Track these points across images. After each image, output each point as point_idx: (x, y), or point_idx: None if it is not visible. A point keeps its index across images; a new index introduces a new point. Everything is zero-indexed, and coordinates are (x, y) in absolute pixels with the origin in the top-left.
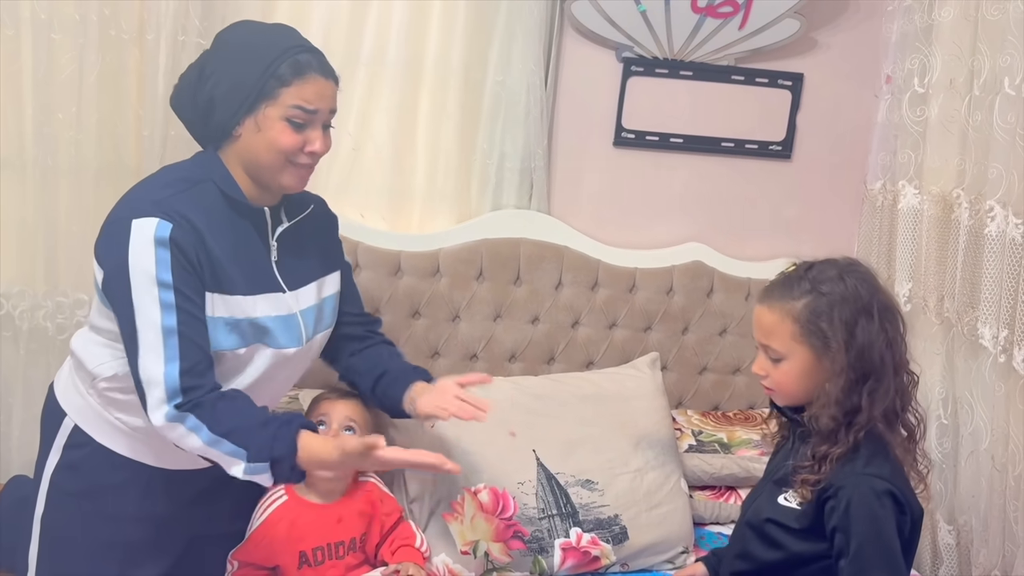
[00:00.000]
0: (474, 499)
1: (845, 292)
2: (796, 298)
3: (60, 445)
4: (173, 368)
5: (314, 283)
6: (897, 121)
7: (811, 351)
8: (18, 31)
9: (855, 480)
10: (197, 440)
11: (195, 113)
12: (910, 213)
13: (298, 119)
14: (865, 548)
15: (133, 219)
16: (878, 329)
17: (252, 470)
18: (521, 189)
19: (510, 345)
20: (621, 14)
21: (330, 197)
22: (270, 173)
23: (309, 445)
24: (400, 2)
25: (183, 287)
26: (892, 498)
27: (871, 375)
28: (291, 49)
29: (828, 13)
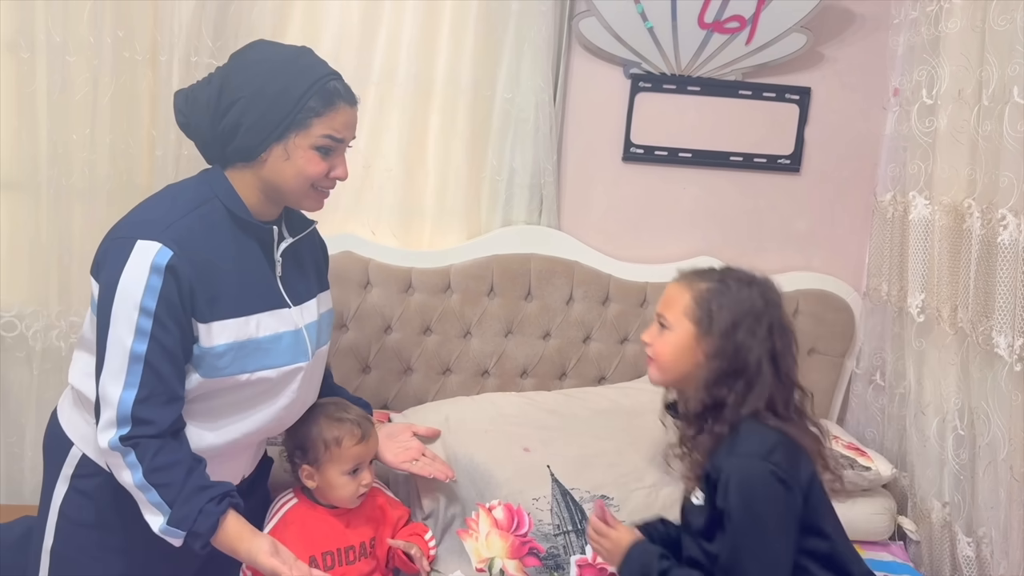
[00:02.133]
0: (488, 515)
1: (746, 295)
2: (702, 281)
3: (68, 475)
4: (129, 395)
5: (314, 299)
6: (906, 133)
7: (695, 329)
8: (33, 53)
9: (734, 462)
10: (129, 477)
11: (214, 135)
12: (921, 224)
13: (327, 147)
14: (741, 526)
15: (139, 239)
16: (764, 338)
17: (167, 532)
18: (531, 205)
19: (522, 361)
20: (628, 31)
21: (341, 215)
22: (294, 197)
23: (230, 530)
24: (410, 21)
25: (165, 318)
26: (773, 477)
27: (743, 375)
28: (322, 79)
29: (835, 27)
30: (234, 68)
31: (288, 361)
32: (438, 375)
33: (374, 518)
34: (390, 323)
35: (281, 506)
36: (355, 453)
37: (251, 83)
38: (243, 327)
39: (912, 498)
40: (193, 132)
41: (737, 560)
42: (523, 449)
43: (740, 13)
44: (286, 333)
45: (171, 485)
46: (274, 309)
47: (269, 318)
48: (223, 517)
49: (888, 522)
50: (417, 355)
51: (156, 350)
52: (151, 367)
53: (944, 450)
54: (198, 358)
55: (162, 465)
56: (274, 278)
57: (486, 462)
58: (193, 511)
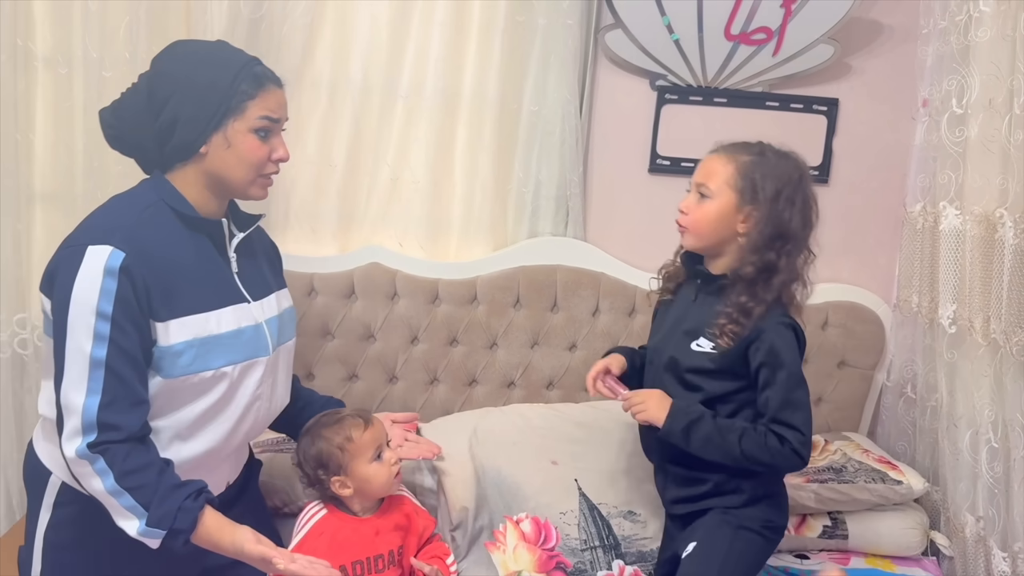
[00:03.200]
0: (516, 528)
1: (784, 166)
2: (744, 153)
3: (49, 504)
4: (93, 401)
5: (273, 295)
6: (936, 143)
7: (737, 198)
8: (71, 69)
9: (773, 325)
10: (100, 484)
11: (151, 139)
12: (952, 234)
13: (265, 129)
14: (787, 377)
15: (89, 245)
16: (800, 206)
17: (146, 533)
18: (557, 217)
19: (548, 372)
20: (655, 43)
21: (368, 227)
22: (241, 186)
23: (210, 524)
24: (438, 36)
25: (122, 320)
26: (794, 332)
27: (788, 238)
28: (247, 64)
29: (862, 38)
30: (160, 68)
31: (248, 355)
32: (464, 386)
33: (402, 526)
34: (417, 334)
35: (311, 517)
36: (369, 439)
37: (180, 79)
38: (203, 324)
39: (945, 512)
40: (126, 144)
41: (789, 406)
42: (551, 462)
43: (767, 25)
44: (247, 328)
45: (145, 487)
46: (234, 304)
47: (229, 313)
48: (201, 513)
49: (920, 537)
50: (444, 366)
51: (116, 354)
52: (112, 372)
53: (977, 463)
54: (157, 359)
55: (133, 468)
56: (231, 274)
57: (514, 474)
58: (172, 510)
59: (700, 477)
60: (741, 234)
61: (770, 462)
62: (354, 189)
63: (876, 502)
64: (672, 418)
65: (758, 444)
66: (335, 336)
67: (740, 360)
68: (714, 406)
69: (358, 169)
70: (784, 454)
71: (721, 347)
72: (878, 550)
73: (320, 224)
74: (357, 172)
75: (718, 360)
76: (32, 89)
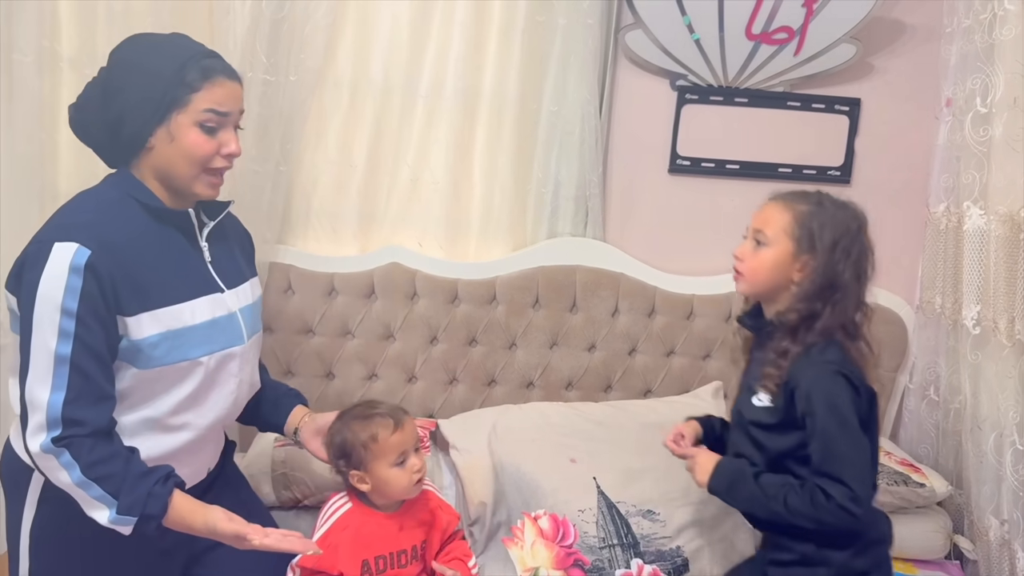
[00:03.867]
0: (534, 525)
1: (843, 217)
2: (802, 203)
3: (33, 501)
4: (58, 397)
5: (247, 283)
6: (959, 142)
7: (793, 246)
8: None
9: (812, 369)
10: (67, 477)
11: (104, 132)
12: (976, 234)
13: (211, 123)
14: (827, 424)
15: (55, 242)
16: (855, 258)
17: (118, 520)
18: (576, 217)
19: (567, 373)
20: (675, 43)
21: (388, 227)
22: (185, 182)
23: (180, 507)
24: (458, 36)
25: (87, 317)
26: (844, 379)
27: (838, 289)
28: (195, 55)
29: (885, 38)
30: (113, 61)
31: (223, 345)
32: (483, 386)
33: (426, 521)
34: (436, 334)
35: (335, 510)
36: (395, 443)
37: (129, 69)
38: (176, 315)
39: (968, 516)
40: (90, 138)
41: (831, 456)
42: (570, 460)
43: (788, 24)
44: (220, 318)
45: (112, 476)
46: (208, 294)
47: (204, 303)
48: (171, 497)
49: (944, 540)
50: (463, 366)
51: (81, 351)
52: (77, 368)
53: (1002, 466)
54: (131, 352)
55: (99, 459)
56: (204, 264)
57: (532, 471)
58: (142, 496)
59: (786, 545)
60: (795, 282)
61: (817, 519)
62: (374, 189)
63: (899, 505)
64: (716, 477)
65: (803, 501)
66: (355, 335)
67: (791, 413)
68: (784, 464)
69: (378, 169)
70: (829, 510)
71: (772, 397)
72: (901, 553)
73: (340, 224)
74: (377, 172)
75: (775, 413)
76: (57, 90)
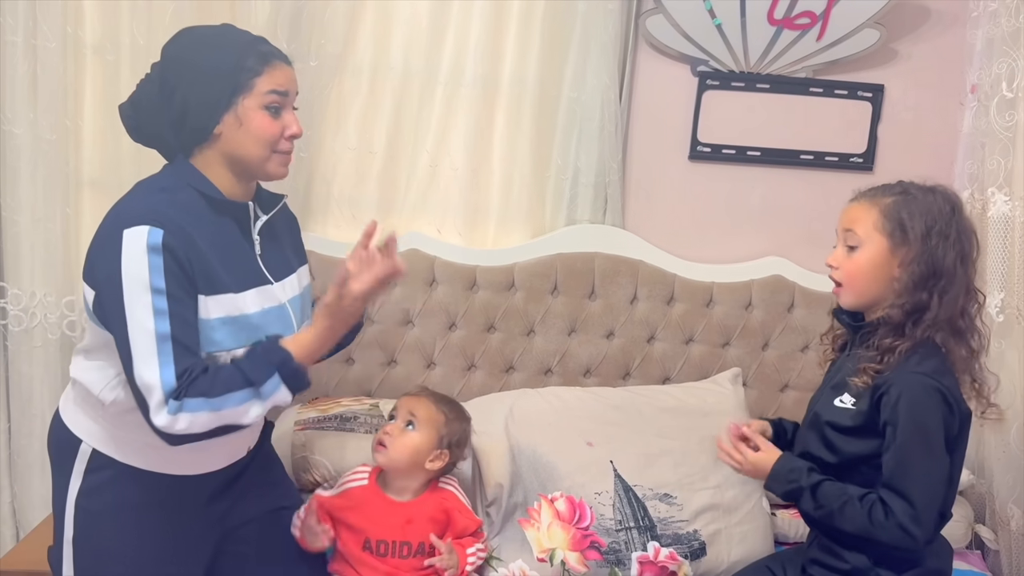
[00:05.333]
0: (551, 507)
1: (931, 200)
2: (886, 195)
3: (81, 470)
4: (169, 373)
5: (294, 274)
6: (984, 128)
7: (888, 242)
8: (118, 56)
9: (906, 377)
10: (204, 415)
11: (167, 127)
12: (1001, 221)
13: (276, 104)
14: (909, 438)
15: (124, 229)
16: (954, 240)
17: (267, 393)
18: (596, 204)
19: (585, 360)
20: (696, 28)
21: (407, 213)
22: (258, 163)
23: (296, 340)
24: (477, 22)
25: (176, 291)
26: (940, 395)
27: (942, 276)
28: (250, 43)
29: (909, 23)
30: (168, 56)
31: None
32: (501, 372)
33: (438, 520)
34: (455, 320)
35: (351, 480)
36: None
37: (187, 64)
38: (235, 303)
39: (990, 505)
40: (146, 135)
41: (903, 472)
42: (587, 443)
43: (811, 9)
44: (271, 309)
45: (230, 377)
46: (258, 286)
47: (255, 295)
48: (278, 342)
49: (965, 530)
50: (481, 352)
51: (179, 324)
52: (178, 342)
53: None
54: None
55: (212, 381)
56: (254, 256)
57: (549, 454)
58: (258, 360)
59: (837, 552)
60: (897, 279)
61: (871, 535)
62: (394, 175)
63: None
64: (772, 479)
65: (860, 514)
66: (374, 321)
67: (874, 417)
68: (859, 469)
69: (398, 156)
70: (886, 527)
71: (859, 390)
72: None
73: (360, 210)
74: (397, 159)
75: (856, 417)
76: (81, 76)
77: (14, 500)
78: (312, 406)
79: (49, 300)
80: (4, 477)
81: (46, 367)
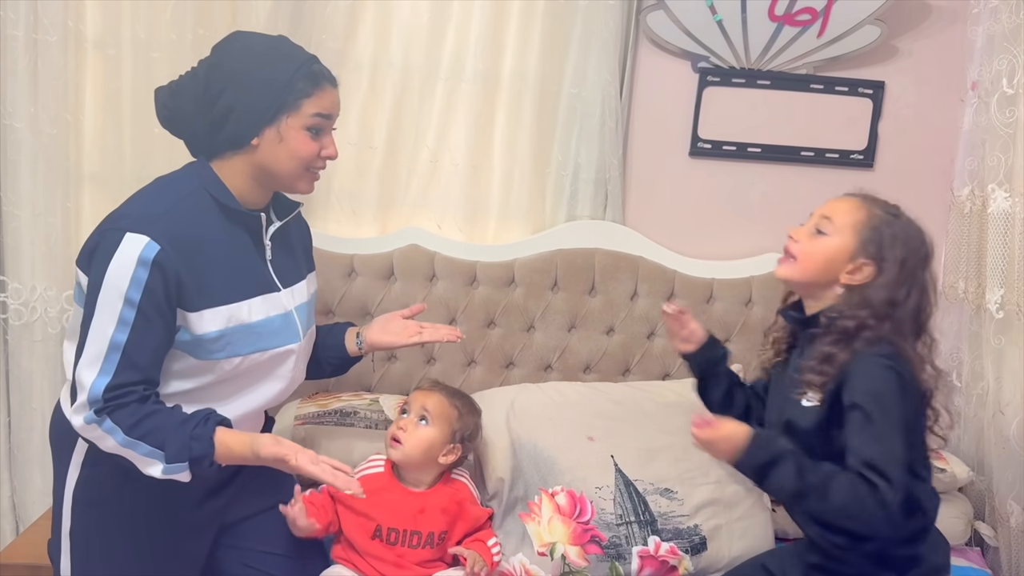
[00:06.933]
0: (551, 501)
1: (917, 236)
2: (880, 208)
3: (78, 463)
4: (102, 382)
5: (303, 281)
6: (985, 124)
7: (856, 246)
8: (119, 50)
9: (863, 362)
10: (112, 441)
11: (203, 126)
12: (1001, 217)
13: (318, 126)
14: (873, 414)
15: (128, 232)
16: (920, 287)
17: (170, 470)
18: (596, 200)
19: (585, 356)
20: (697, 24)
21: (407, 209)
22: (288, 180)
23: (226, 442)
24: (478, 17)
25: (148, 310)
26: (895, 373)
27: (901, 307)
28: (306, 62)
29: (910, 19)
30: (220, 58)
31: (279, 343)
32: (501, 368)
33: (451, 512)
34: (455, 316)
35: (366, 468)
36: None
37: (239, 71)
38: (235, 313)
39: (990, 502)
40: (178, 125)
41: (881, 450)
42: (587, 438)
43: (811, 5)
44: (276, 316)
45: (155, 431)
46: (265, 294)
47: (260, 302)
48: (214, 435)
49: (964, 527)
50: (481, 348)
51: (135, 341)
52: (128, 357)
53: None
54: (191, 344)
55: (139, 419)
56: (264, 263)
57: (550, 448)
58: (185, 440)
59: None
60: (842, 283)
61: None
62: (394, 171)
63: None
64: (750, 451)
65: (844, 489)
66: (374, 317)
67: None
68: None
69: (398, 151)
70: (868, 506)
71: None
72: None
73: (360, 206)
74: (397, 154)
75: (824, 412)
76: (82, 70)
77: (14, 494)
78: (312, 401)
79: (49, 295)
80: (4, 471)
81: (46, 361)
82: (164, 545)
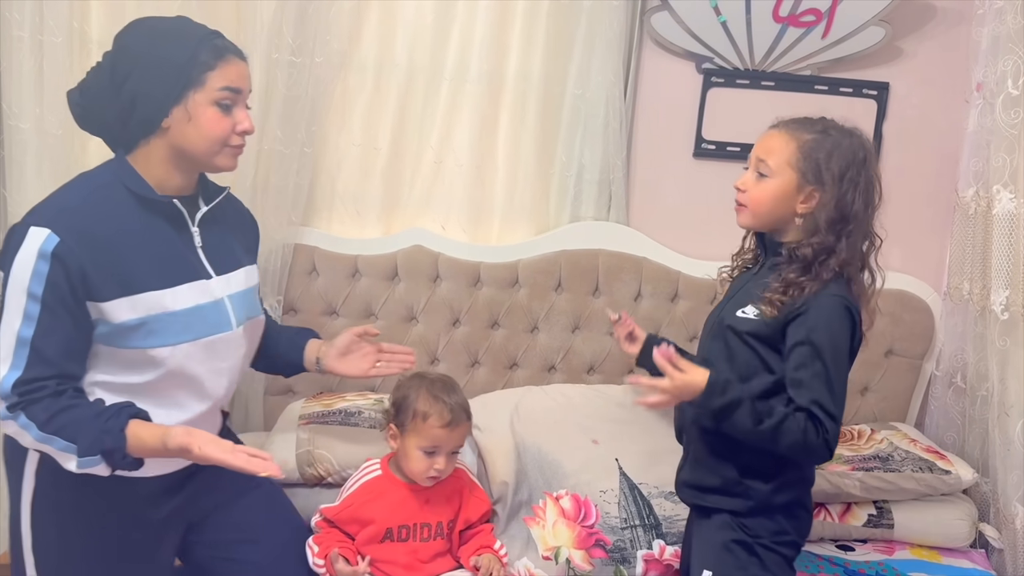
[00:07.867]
0: (556, 504)
1: (849, 145)
2: (807, 131)
3: (32, 473)
4: (12, 376)
5: (241, 269)
6: (990, 125)
7: (798, 178)
8: None
9: (824, 299)
10: (28, 437)
11: (115, 116)
12: (1006, 218)
13: (227, 100)
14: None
15: (32, 226)
16: (863, 188)
17: (84, 464)
18: (600, 201)
19: (588, 356)
20: (701, 25)
21: (411, 209)
22: (206, 158)
23: (138, 434)
24: (483, 18)
25: (52, 302)
26: (850, 314)
27: (850, 221)
28: (205, 36)
29: (914, 21)
30: (120, 46)
31: (207, 332)
32: (505, 369)
33: (453, 500)
34: (459, 316)
35: (364, 474)
36: (437, 435)
37: (140, 54)
38: (158, 300)
39: (994, 504)
40: (91, 122)
41: (830, 390)
42: (592, 441)
43: (816, 6)
44: (206, 304)
45: (69, 424)
46: (192, 281)
47: (187, 290)
48: (125, 427)
49: (969, 528)
50: (484, 349)
51: (42, 334)
52: (36, 351)
53: None
54: (112, 335)
55: (53, 413)
56: (192, 249)
57: (554, 451)
58: (97, 433)
59: (711, 466)
60: (799, 214)
61: (797, 453)
62: (398, 172)
63: (923, 492)
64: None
65: (797, 429)
66: (378, 317)
67: (779, 335)
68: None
69: (402, 152)
70: (816, 445)
71: (764, 316)
72: (925, 541)
73: (364, 206)
74: (401, 155)
75: (759, 327)
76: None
77: None
78: (316, 400)
79: None
80: None
81: None
82: (128, 545)
